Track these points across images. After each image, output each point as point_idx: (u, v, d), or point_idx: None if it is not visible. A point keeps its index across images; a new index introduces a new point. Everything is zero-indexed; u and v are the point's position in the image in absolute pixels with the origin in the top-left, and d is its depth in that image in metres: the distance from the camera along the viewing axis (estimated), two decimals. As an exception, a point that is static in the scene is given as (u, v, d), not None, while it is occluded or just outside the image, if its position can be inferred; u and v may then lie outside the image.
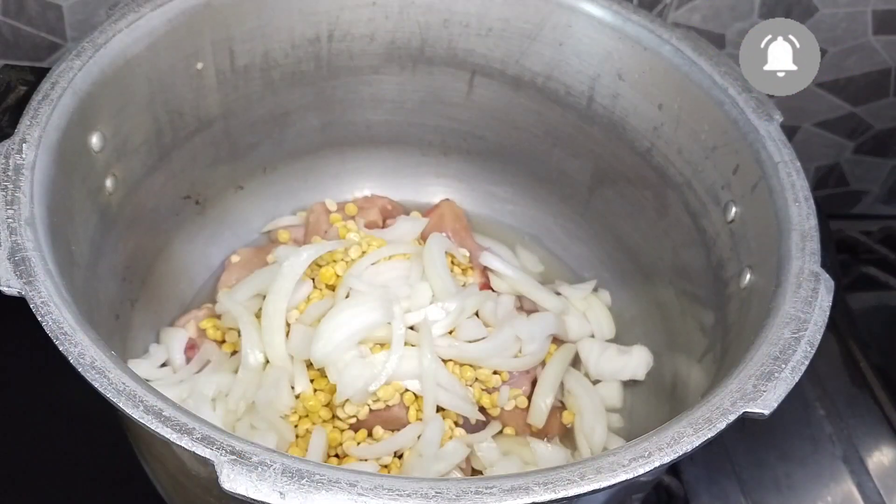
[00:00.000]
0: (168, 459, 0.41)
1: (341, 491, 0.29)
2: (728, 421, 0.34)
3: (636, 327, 0.60)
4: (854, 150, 0.81)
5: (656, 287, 0.58)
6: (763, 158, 0.45)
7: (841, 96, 0.76)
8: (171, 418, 0.31)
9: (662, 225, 0.56)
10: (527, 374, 0.54)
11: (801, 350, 0.37)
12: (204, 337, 0.55)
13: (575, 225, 0.63)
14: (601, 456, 0.32)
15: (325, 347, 0.49)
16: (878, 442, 0.61)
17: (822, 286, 0.39)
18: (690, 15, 0.68)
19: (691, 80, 0.50)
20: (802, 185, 0.44)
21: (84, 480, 0.55)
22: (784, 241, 0.42)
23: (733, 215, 0.48)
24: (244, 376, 0.51)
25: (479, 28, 0.56)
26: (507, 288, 0.59)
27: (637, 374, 0.57)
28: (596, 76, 0.55)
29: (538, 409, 0.53)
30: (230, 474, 0.30)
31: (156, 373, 0.54)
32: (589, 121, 0.57)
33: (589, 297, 0.61)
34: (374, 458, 0.49)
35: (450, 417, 0.51)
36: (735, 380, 0.36)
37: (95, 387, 0.32)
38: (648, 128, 0.54)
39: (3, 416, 0.57)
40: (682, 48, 0.50)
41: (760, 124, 0.47)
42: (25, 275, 0.35)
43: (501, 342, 0.53)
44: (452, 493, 0.30)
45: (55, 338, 0.33)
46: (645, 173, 0.55)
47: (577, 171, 0.61)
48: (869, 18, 0.70)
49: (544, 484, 0.30)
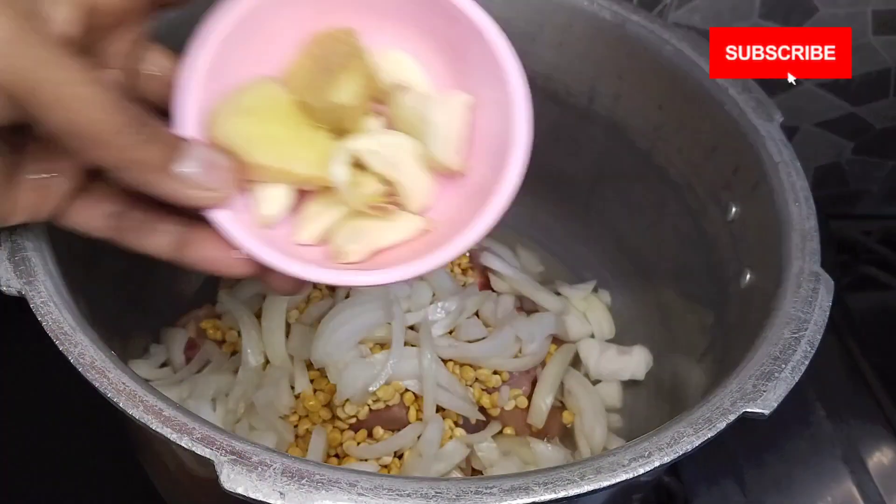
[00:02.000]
0: (168, 459, 0.41)
1: (341, 491, 0.29)
2: (728, 421, 0.34)
3: (636, 327, 0.60)
4: (854, 150, 0.81)
5: (656, 287, 0.58)
6: (763, 158, 0.45)
7: (841, 96, 0.76)
8: (171, 418, 0.31)
9: (662, 225, 0.56)
10: (527, 374, 0.54)
11: (801, 350, 0.37)
12: (204, 337, 0.55)
13: (575, 225, 0.63)
14: (601, 456, 0.32)
15: (325, 347, 0.49)
16: (878, 442, 0.61)
17: (822, 286, 0.39)
18: (690, 15, 0.68)
19: (691, 80, 0.50)
20: (802, 185, 0.44)
21: (84, 480, 0.55)
22: (784, 241, 0.42)
23: (733, 215, 0.48)
24: (244, 376, 0.51)
25: (479, 28, 0.56)
26: (507, 288, 0.59)
27: (637, 374, 0.57)
28: (596, 76, 0.55)
29: (538, 409, 0.53)
30: (230, 474, 0.30)
31: (156, 373, 0.54)
32: (589, 121, 0.57)
33: (589, 297, 0.62)
34: (374, 458, 0.49)
35: (450, 417, 0.51)
36: (735, 380, 0.36)
37: (95, 387, 0.32)
38: (649, 128, 0.54)
39: (3, 416, 0.57)
40: (682, 48, 0.50)
41: (760, 124, 0.47)
42: (25, 275, 0.35)
43: (501, 342, 0.53)
44: (452, 493, 0.30)
45: (55, 338, 0.33)
46: (645, 173, 0.55)
47: (577, 171, 0.61)
48: (869, 18, 0.70)
49: (544, 484, 0.30)
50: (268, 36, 0.34)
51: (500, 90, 0.33)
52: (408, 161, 0.34)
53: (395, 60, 0.35)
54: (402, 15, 0.34)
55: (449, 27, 0.34)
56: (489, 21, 0.33)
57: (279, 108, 0.33)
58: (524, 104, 0.33)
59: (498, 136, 0.34)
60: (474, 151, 0.35)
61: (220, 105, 0.32)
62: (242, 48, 0.33)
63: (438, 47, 0.35)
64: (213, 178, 0.30)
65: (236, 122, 0.32)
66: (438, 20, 0.34)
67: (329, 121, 0.34)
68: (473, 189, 0.35)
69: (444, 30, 0.34)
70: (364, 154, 0.33)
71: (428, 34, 0.35)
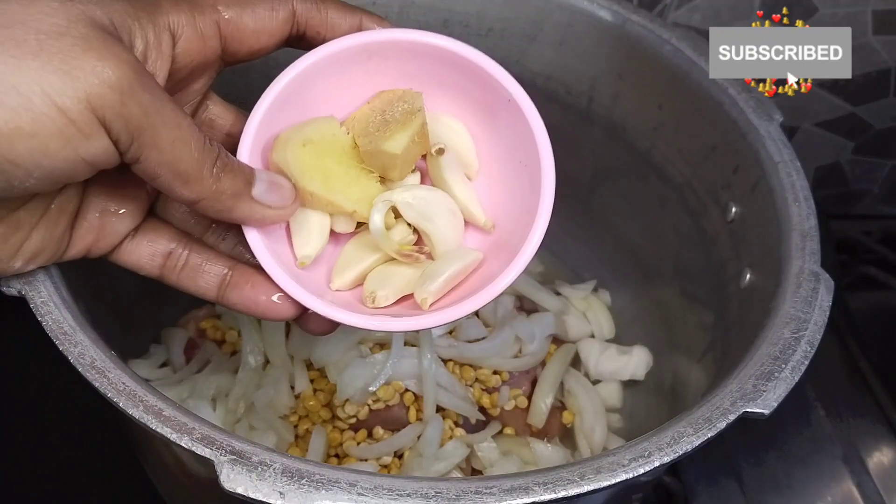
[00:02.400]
0: (168, 459, 0.41)
1: (341, 491, 0.29)
2: (728, 421, 0.34)
3: (636, 327, 0.60)
4: (854, 150, 0.81)
5: (656, 287, 0.58)
6: (763, 158, 0.45)
7: (841, 96, 0.76)
8: (171, 418, 0.31)
9: (662, 225, 0.56)
10: (527, 374, 0.54)
11: (801, 350, 0.37)
12: (204, 337, 0.55)
13: (575, 225, 0.63)
14: (601, 456, 0.32)
15: (325, 347, 0.49)
16: (878, 442, 0.61)
17: (822, 286, 0.39)
18: (690, 15, 0.68)
19: (691, 80, 0.50)
20: (802, 185, 0.44)
21: (84, 480, 0.55)
22: (784, 241, 0.42)
23: (733, 215, 0.48)
24: (244, 376, 0.51)
25: (479, 28, 0.56)
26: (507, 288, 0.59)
27: (637, 374, 0.57)
28: (596, 76, 0.55)
29: (538, 409, 0.53)
30: (230, 474, 0.30)
31: (156, 373, 0.54)
32: (589, 121, 0.57)
33: (589, 297, 0.62)
34: (374, 458, 0.49)
35: (450, 417, 0.51)
36: (735, 380, 0.36)
37: (95, 387, 0.32)
38: (648, 128, 0.54)
39: (3, 416, 0.57)
40: (682, 48, 0.50)
41: (760, 124, 0.47)
42: (25, 275, 0.35)
43: (501, 342, 0.53)
44: (452, 493, 0.30)
45: (55, 338, 0.33)
46: (645, 173, 0.55)
47: (577, 170, 0.61)
48: (869, 18, 0.70)
49: (544, 484, 0.30)
50: (317, 96, 0.36)
51: (528, 150, 0.36)
52: (439, 214, 0.37)
53: (446, 124, 0.38)
54: (442, 80, 0.37)
55: (483, 92, 0.36)
56: (518, 87, 0.35)
57: (335, 144, 0.36)
58: (549, 164, 0.36)
59: (523, 194, 0.36)
60: (501, 207, 0.38)
61: (284, 133, 0.35)
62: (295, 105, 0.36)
63: (473, 109, 0.38)
64: (278, 198, 0.34)
65: (295, 150, 0.34)
66: (474, 86, 0.36)
67: (376, 166, 0.36)
68: (500, 243, 0.37)
69: (479, 95, 0.37)
70: (400, 205, 0.36)
71: (464, 98, 0.37)
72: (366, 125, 0.36)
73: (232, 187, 0.32)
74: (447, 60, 0.36)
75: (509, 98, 0.35)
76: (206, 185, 0.31)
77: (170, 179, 0.30)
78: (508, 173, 0.37)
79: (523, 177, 0.36)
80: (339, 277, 0.37)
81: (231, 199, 0.32)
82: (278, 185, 0.34)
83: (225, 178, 0.31)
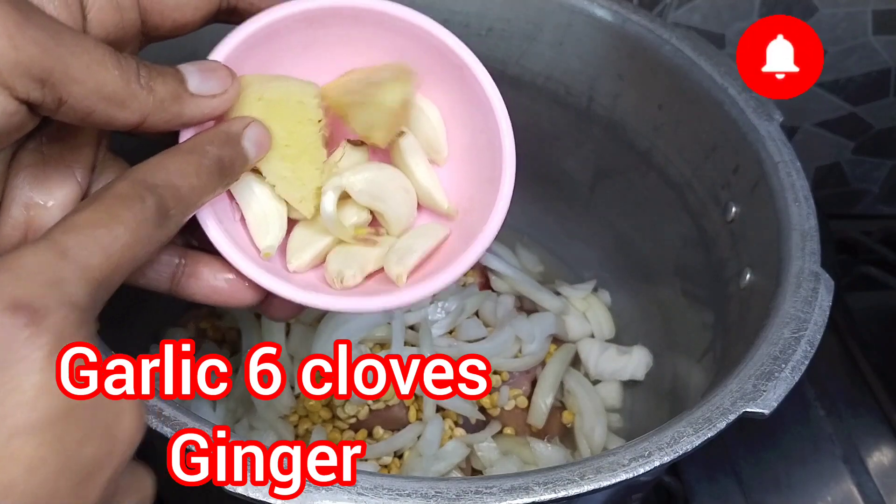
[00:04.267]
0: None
1: (341, 491, 0.29)
2: (728, 421, 0.34)
3: (636, 327, 0.60)
4: (854, 150, 0.81)
5: (656, 287, 0.58)
6: (763, 158, 0.45)
7: (841, 96, 0.76)
8: (171, 418, 0.31)
9: (662, 225, 0.56)
10: (527, 374, 0.54)
11: (801, 350, 0.37)
12: (204, 337, 0.55)
13: (575, 225, 0.63)
14: (601, 456, 0.32)
15: (325, 347, 0.49)
16: (878, 442, 0.61)
17: (822, 286, 0.39)
18: (690, 15, 0.68)
19: (691, 80, 0.50)
20: (802, 185, 0.44)
21: (84, 480, 0.55)
22: (784, 241, 0.42)
23: (733, 215, 0.48)
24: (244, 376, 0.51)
25: (479, 28, 0.56)
26: (507, 288, 0.59)
27: (637, 374, 0.57)
28: (596, 76, 0.55)
29: (538, 409, 0.53)
30: (230, 474, 0.30)
31: (156, 373, 0.54)
32: (589, 121, 0.57)
33: (589, 297, 0.61)
34: (374, 458, 0.49)
35: (450, 417, 0.51)
36: (735, 379, 0.36)
37: (95, 387, 0.32)
38: (648, 128, 0.54)
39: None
40: (682, 48, 0.50)
41: (760, 124, 0.47)
42: (25, 275, 0.35)
43: (501, 342, 0.53)
44: (452, 493, 0.30)
45: (55, 338, 0.33)
46: (645, 173, 0.55)
47: (577, 170, 0.61)
48: (869, 18, 0.70)
49: (544, 484, 0.31)
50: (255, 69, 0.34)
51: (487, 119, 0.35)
52: (392, 192, 0.35)
53: (418, 106, 0.36)
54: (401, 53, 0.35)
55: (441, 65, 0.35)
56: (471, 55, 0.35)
57: (296, 113, 0.33)
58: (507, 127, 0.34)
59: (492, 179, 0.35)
60: (468, 193, 0.37)
61: (249, 76, 0.33)
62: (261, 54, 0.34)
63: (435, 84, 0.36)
64: (216, 83, 0.31)
65: (248, 98, 0.32)
66: (428, 56, 0.35)
67: (360, 125, 0.34)
68: (465, 225, 0.36)
69: (438, 69, 0.36)
70: (351, 190, 0.34)
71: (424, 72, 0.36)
72: (347, 90, 0.34)
73: (168, 91, 0.29)
74: (401, 31, 0.34)
75: (461, 66, 0.34)
76: (143, 98, 0.28)
77: (104, 108, 0.27)
78: (475, 159, 0.36)
79: (490, 161, 0.35)
80: (296, 258, 0.35)
81: (174, 104, 0.29)
82: (210, 70, 0.31)
83: (157, 85, 0.28)
